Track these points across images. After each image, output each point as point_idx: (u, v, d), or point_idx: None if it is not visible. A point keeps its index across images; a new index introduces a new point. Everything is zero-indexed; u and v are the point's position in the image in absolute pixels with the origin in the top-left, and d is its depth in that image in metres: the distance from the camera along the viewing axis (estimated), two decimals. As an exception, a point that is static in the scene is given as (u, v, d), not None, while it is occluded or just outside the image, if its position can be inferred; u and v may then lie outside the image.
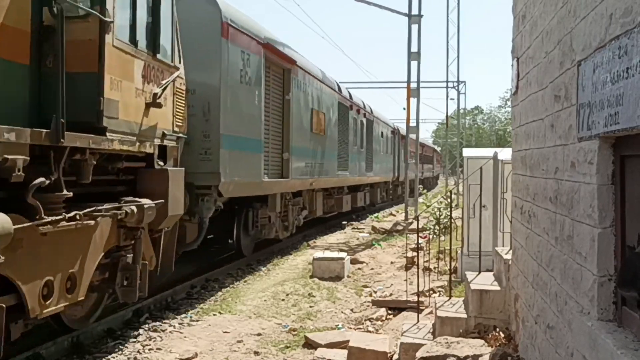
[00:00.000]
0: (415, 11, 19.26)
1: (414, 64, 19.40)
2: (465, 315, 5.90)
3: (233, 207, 10.94)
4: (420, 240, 10.72)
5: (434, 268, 9.54)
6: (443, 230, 12.27)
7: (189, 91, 8.18)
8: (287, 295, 8.97)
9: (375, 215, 23.08)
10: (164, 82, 6.81)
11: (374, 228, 17.79)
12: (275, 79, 11.80)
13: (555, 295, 3.59)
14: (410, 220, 17.84)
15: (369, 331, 7.35)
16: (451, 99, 40.54)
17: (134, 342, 6.56)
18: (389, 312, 8.21)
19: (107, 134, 5.56)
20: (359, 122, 20.27)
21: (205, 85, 8.85)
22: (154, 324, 7.29)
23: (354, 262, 11.74)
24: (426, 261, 9.46)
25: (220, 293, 9.14)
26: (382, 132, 25.30)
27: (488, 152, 9.05)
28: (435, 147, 65.54)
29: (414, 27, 19.27)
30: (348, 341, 6.31)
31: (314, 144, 14.41)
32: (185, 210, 8.02)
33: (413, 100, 19.65)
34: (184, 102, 7.63)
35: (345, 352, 6.15)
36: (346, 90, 18.90)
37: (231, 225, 11.39)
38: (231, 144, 9.19)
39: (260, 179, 10.49)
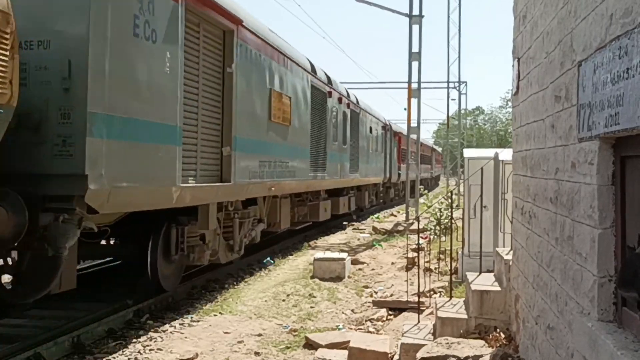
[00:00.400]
0: (416, 11, 19.28)
1: (414, 64, 19.42)
2: (465, 316, 5.90)
3: (148, 222, 7.99)
4: (421, 241, 10.72)
5: (435, 269, 9.54)
6: (444, 230, 12.26)
7: (39, 44, 5.60)
8: (288, 295, 8.97)
9: (376, 215, 23.07)
10: None
11: (374, 228, 17.79)
12: (208, 43, 8.27)
13: (556, 295, 3.59)
14: (411, 221, 17.83)
15: (370, 332, 7.35)
16: (452, 99, 40.84)
17: (135, 342, 6.56)
18: (390, 312, 8.21)
19: None
20: (340, 113, 16.82)
21: (65, 36, 5.62)
22: (155, 324, 7.30)
23: (354, 262, 11.74)
24: (427, 262, 9.47)
25: (220, 293, 9.14)
26: (370, 128, 22.05)
27: (489, 152, 9.04)
28: (435, 147, 62.20)
29: (415, 27, 19.28)
30: (348, 342, 6.31)
31: (275, 137, 10.85)
32: (21, 236, 5.33)
33: (414, 101, 19.68)
34: (6, 53, 4.90)
35: (345, 352, 6.15)
36: (323, 72, 15.18)
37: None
38: (113, 129, 5.90)
39: (174, 183, 7.00)
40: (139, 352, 6.25)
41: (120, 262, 10.56)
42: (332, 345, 6.48)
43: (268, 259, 11.99)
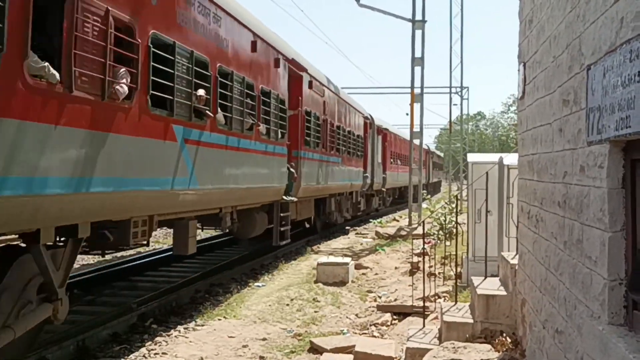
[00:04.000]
0: (419, 17, 19.32)
1: (417, 69, 19.45)
2: (471, 320, 5.88)
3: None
4: (425, 246, 10.70)
5: (439, 273, 9.52)
6: (447, 235, 12.25)
7: None
8: (292, 300, 8.96)
9: (379, 220, 23.07)
10: None
11: (377, 233, 17.77)
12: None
13: (564, 299, 3.58)
14: (414, 225, 17.83)
15: (374, 336, 7.33)
16: (454, 104, 40.46)
17: (140, 346, 6.56)
18: (394, 317, 8.19)
19: None
20: None
21: None
22: (159, 328, 7.29)
23: (358, 267, 11.72)
24: (430, 266, 9.46)
25: (224, 298, 9.13)
26: None
27: (493, 157, 9.04)
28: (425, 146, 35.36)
29: (418, 32, 19.32)
30: (353, 346, 6.31)
31: None
32: None
33: (416, 106, 19.67)
34: None
35: (350, 357, 6.14)
36: None
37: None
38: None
39: None
40: (144, 356, 6.25)
41: (122, 266, 10.64)
42: (337, 350, 6.46)
43: None
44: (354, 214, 20.45)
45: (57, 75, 4.85)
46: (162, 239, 15.39)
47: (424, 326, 6.58)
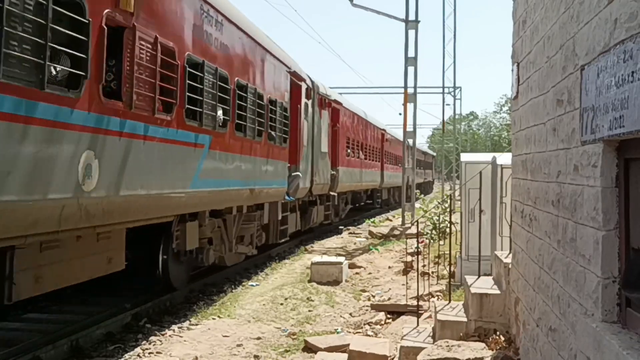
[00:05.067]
0: (412, 17, 19.36)
1: (410, 69, 19.49)
2: (465, 319, 5.92)
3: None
4: (418, 245, 10.74)
5: (432, 272, 9.56)
6: (440, 235, 12.29)
7: None
8: (286, 299, 8.98)
9: (372, 220, 23.12)
10: None
11: (371, 233, 17.82)
12: None
13: (558, 297, 3.62)
14: (407, 225, 17.88)
15: (368, 335, 7.35)
16: (447, 104, 40.42)
17: (134, 345, 6.55)
18: (388, 316, 8.21)
19: None
20: None
21: None
22: (154, 327, 7.28)
23: (351, 266, 11.75)
24: (423, 266, 9.49)
25: (218, 297, 9.13)
26: None
27: (486, 157, 9.09)
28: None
29: (411, 32, 19.36)
30: (348, 345, 6.32)
31: None
32: None
33: (410, 106, 19.70)
34: None
35: (345, 355, 6.16)
36: None
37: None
38: None
39: None
40: (138, 355, 6.24)
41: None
42: (331, 349, 6.49)
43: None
44: (272, 241, 12.19)
45: None
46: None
47: (417, 325, 6.60)
